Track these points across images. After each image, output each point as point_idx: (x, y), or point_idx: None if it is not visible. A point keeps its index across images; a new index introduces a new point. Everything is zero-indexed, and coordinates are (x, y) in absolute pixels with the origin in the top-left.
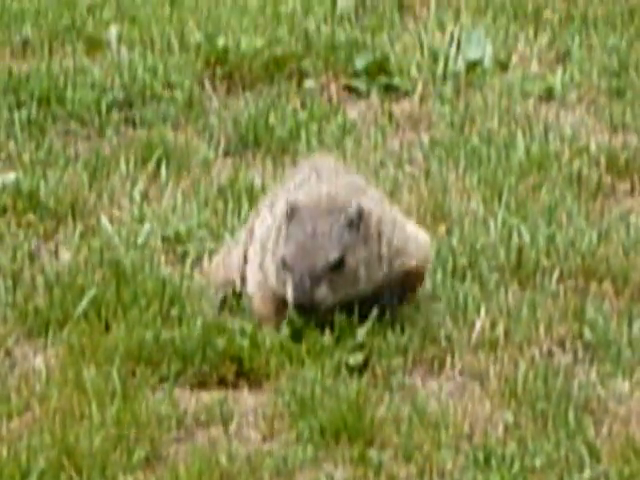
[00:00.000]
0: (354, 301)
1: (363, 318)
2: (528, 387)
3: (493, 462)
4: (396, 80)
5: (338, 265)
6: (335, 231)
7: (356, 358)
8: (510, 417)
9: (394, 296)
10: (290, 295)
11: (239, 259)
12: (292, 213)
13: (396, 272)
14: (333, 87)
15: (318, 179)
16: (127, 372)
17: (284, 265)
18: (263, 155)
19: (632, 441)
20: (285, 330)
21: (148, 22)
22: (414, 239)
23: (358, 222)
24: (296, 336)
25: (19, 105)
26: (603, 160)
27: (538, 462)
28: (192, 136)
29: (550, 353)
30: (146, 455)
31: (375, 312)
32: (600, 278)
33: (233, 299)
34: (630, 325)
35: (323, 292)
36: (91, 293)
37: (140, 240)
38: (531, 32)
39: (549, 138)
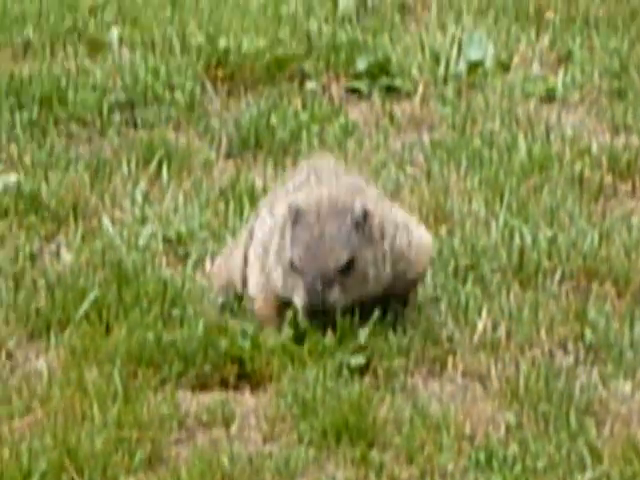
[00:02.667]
0: (363, 303)
1: (364, 320)
2: (530, 388)
3: (495, 463)
4: (398, 81)
5: (348, 267)
6: (343, 233)
7: (358, 359)
8: (512, 418)
9: (399, 298)
10: (301, 298)
11: (240, 260)
12: (297, 216)
13: (401, 275)
14: (335, 88)
15: (317, 180)
16: (129, 373)
17: (293, 268)
18: (264, 156)
19: (634, 442)
20: (287, 331)
21: (149, 24)
22: (417, 239)
23: (364, 223)
24: (298, 338)
25: (21, 107)
26: (605, 161)
27: (540, 463)
28: (193, 137)
29: (552, 354)
30: (147, 456)
31: (376, 314)
32: (602, 279)
33: (234, 301)
34: (632, 326)
35: (335, 294)
36: (93, 295)
37: (142, 241)
38: (533, 33)
39: (551, 139)
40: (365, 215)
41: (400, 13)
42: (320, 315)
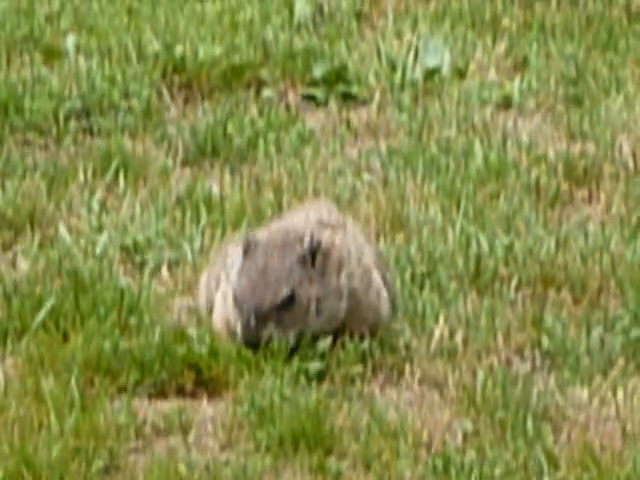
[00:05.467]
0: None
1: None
2: (487, 395)
3: (452, 471)
4: (354, 88)
5: (287, 302)
6: (286, 267)
7: (315, 367)
8: (469, 425)
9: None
10: (239, 332)
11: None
12: (247, 248)
13: (356, 314)
14: (291, 96)
15: (289, 215)
16: (85, 382)
17: (235, 301)
18: (221, 164)
19: (590, 448)
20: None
21: (106, 31)
22: (377, 286)
23: (313, 256)
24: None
25: None
26: (561, 168)
27: (497, 470)
28: (150, 145)
29: (508, 361)
30: (105, 465)
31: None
32: (558, 286)
33: (194, 311)
34: (588, 333)
35: (269, 331)
36: (49, 303)
37: (98, 250)
38: (489, 40)
39: (507, 146)
40: (316, 247)
41: (356, 20)
42: (257, 348)
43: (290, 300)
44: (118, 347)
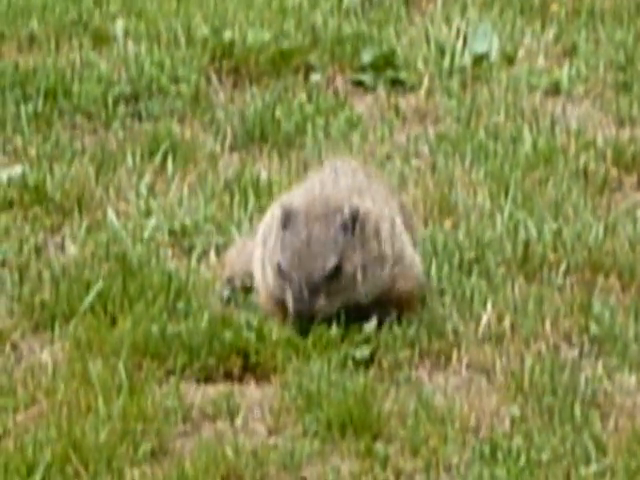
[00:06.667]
0: (359, 308)
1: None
2: (534, 381)
3: (499, 456)
4: (403, 74)
5: (335, 272)
6: (330, 237)
7: (363, 352)
8: (516, 411)
9: (389, 313)
10: (289, 304)
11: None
12: (287, 218)
13: (396, 281)
14: (340, 81)
15: (319, 181)
16: (133, 366)
17: (280, 272)
18: (269, 149)
19: (638, 435)
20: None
21: (155, 16)
22: (411, 254)
23: (353, 224)
24: (303, 330)
25: (26, 99)
26: (610, 154)
27: (544, 456)
28: (198, 130)
29: (556, 347)
30: (152, 449)
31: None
32: (606, 272)
33: (239, 293)
34: (636, 319)
35: (322, 301)
36: (97, 287)
37: (146, 234)
38: (538, 26)
39: (556, 132)
40: (355, 216)
41: (405, 5)
42: (309, 319)
43: (337, 270)
44: (166, 331)
